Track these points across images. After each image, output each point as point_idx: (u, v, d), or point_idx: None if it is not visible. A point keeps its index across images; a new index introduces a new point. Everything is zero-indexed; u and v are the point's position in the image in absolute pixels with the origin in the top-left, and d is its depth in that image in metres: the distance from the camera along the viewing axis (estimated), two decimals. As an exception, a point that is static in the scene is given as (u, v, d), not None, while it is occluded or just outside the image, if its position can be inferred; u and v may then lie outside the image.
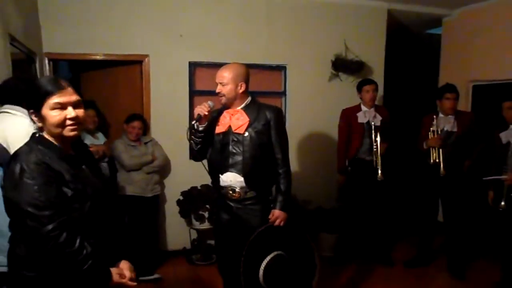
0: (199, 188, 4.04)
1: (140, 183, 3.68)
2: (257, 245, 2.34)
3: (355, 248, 4.14)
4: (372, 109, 3.84)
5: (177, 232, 4.20)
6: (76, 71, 4.58)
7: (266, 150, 2.43)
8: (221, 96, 2.43)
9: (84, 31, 3.84)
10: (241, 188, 2.42)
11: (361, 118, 3.83)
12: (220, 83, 2.41)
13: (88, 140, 3.39)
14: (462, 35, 4.87)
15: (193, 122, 2.40)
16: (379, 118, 3.81)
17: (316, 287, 2.54)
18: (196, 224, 3.99)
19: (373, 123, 3.78)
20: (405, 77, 5.89)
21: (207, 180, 3.90)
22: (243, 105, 2.46)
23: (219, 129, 2.47)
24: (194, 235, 4.18)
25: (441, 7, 4.85)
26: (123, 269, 1.67)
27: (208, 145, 2.51)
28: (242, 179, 2.40)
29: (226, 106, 2.49)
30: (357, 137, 3.85)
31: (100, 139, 3.65)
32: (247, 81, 2.46)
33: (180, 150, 4.17)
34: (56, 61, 4.07)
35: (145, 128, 3.93)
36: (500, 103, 3.39)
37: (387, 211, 4.10)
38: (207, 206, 3.93)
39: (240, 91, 2.41)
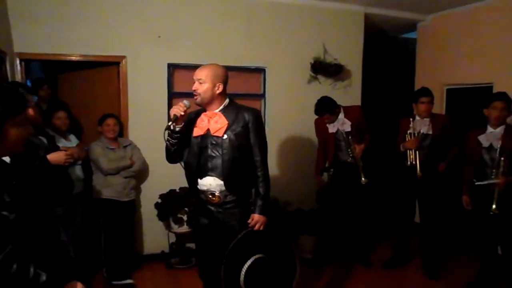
0: (177, 191, 3.99)
1: (117, 187, 3.61)
2: (237, 249, 2.32)
3: (334, 250, 4.17)
4: (341, 116, 3.88)
5: (155, 236, 4.13)
6: (51, 72, 4.46)
7: (245, 152, 2.41)
8: (196, 95, 2.38)
9: (59, 30, 3.74)
10: (221, 192, 2.39)
11: (331, 128, 3.91)
12: (198, 79, 2.36)
13: (60, 142, 3.30)
14: (436, 40, 5.00)
15: (169, 123, 2.35)
16: (348, 123, 3.85)
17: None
18: (175, 227, 3.94)
19: (342, 130, 3.84)
20: (383, 80, 6.00)
21: (186, 183, 3.90)
22: (221, 107, 2.42)
23: (197, 131, 2.43)
24: (173, 238, 4.13)
25: (415, 13, 4.97)
26: None
27: (184, 147, 2.47)
28: (221, 182, 2.37)
29: (201, 107, 2.44)
30: (332, 144, 3.94)
31: (73, 141, 3.56)
32: (225, 83, 2.42)
33: (158, 153, 4.05)
34: (28, 62, 3.95)
35: (121, 127, 3.87)
36: (475, 105, 3.41)
37: (367, 212, 4.15)
38: (186, 209, 3.89)
39: (217, 92, 2.37)
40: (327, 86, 4.58)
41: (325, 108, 3.79)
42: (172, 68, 4.17)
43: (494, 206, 3.15)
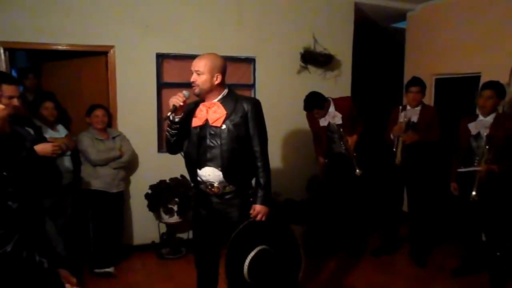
0: (167, 181, 3.98)
1: (106, 178, 3.60)
2: (240, 241, 2.30)
3: (323, 239, 4.22)
4: (332, 110, 3.88)
5: (146, 226, 4.13)
6: (36, 61, 4.37)
7: (244, 143, 2.39)
8: (194, 86, 2.35)
9: (44, 19, 3.66)
10: (220, 182, 2.38)
11: (322, 122, 3.92)
12: (196, 71, 2.33)
13: (48, 133, 3.26)
14: (425, 30, 5.01)
15: (168, 114, 2.32)
16: (339, 116, 3.85)
17: (302, 279, 2.53)
18: (165, 218, 3.94)
19: (334, 123, 3.85)
20: (372, 70, 6.02)
21: (176, 173, 3.93)
22: (219, 97, 2.39)
23: (196, 122, 2.40)
24: (163, 229, 4.13)
25: (404, 2, 4.97)
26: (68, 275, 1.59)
27: (184, 137, 2.45)
28: (220, 173, 2.36)
29: (200, 98, 2.42)
30: (324, 136, 3.95)
31: (61, 131, 3.52)
32: (223, 73, 2.39)
33: (148, 143, 4.10)
34: (13, 51, 3.87)
35: (110, 118, 3.83)
36: (465, 94, 3.44)
37: (360, 203, 4.19)
38: (176, 199, 3.89)
39: (216, 82, 2.35)
40: (317, 76, 4.58)
41: (313, 103, 3.78)
42: (161, 58, 4.13)
43: (473, 193, 3.21)
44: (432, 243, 4.26)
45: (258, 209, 2.39)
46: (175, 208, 3.90)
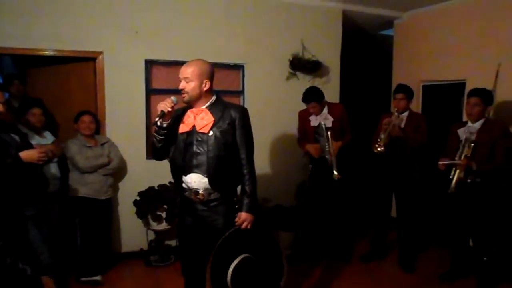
0: (156, 188, 3.96)
1: (94, 185, 3.57)
2: (224, 248, 2.30)
3: (312, 245, 4.22)
4: (325, 111, 3.91)
5: (134, 234, 4.09)
6: (22, 67, 4.33)
7: (231, 150, 2.39)
8: (183, 94, 2.35)
9: (31, 24, 3.63)
10: (205, 189, 2.37)
11: (313, 121, 3.93)
12: (185, 78, 2.33)
13: (35, 140, 3.22)
14: (412, 37, 5.09)
15: (156, 119, 2.32)
16: (330, 119, 3.88)
17: (284, 286, 2.53)
18: (154, 225, 3.91)
19: (323, 124, 3.87)
20: (361, 76, 6.08)
21: (165, 180, 3.90)
22: (207, 104, 2.39)
23: (183, 128, 2.40)
24: (152, 236, 4.10)
25: (391, 10, 5.04)
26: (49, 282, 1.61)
27: (171, 143, 2.44)
28: (206, 180, 2.35)
29: (189, 105, 2.42)
30: (311, 138, 3.96)
31: (48, 138, 3.49)
32: (211, 79, 2.39)
33: (136, 150, 4.08)
34: (-1, 56, 3.84)
35: (98, 125, 3.81)
36: (452, 100, 3.49)
37: (344, 208, 4.21)
38: (165, 206, 3.87)
39: (205, 89, 2.35)
40: (306, 83, 4.60)
41: (313, 96, 3.83)
42: (150, 64, 4.13)
43: (452, 185, 3.31)
44: (420, 249, 4.29)
45: (243, 217, 2.39)
46: (164, 215, 3.87)
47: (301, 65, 4.56)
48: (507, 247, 3.57)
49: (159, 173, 3.71)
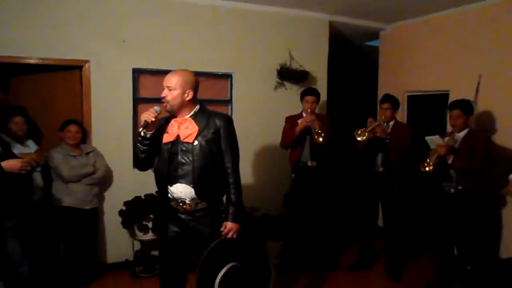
0: (143, 197, 3.92)
1: (79, 195, 3.52)
2: (211, 259, 2.28)
3: (300, 255, 4.21)
4: (314, 117, 3.93)
5: (119, 244, 4.03)
6: (4, 75, 4.25)
7: (216, 159, 2.38)
8: (164, 103, 2.34)
9: (14, 31, 3.58)
10: (192, 199, 2.35)
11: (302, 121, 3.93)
12: (168, 87, 2.32)
13: (17, 149, 3.17)
14: (397, 48, 5.18)
15: (140, 129, 2.30)
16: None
17: None
18: (140, 235, 3.86)
19: (311, 125, 3.88)
20: (348, 86, 6.15)
21: (151, 190, 3.86)
22: (192, 113, 2.38)
23: (167, 138, 2.38)
24: (137, 246, 4.04)
25: (377, 22, 5.14)
26: None
27: (154, 154, 2.42)
28: (192, 190, 2.33)
29: (171, 114, 2.41)
30: (297, 140, 3.95)
31: (31, 147, 3.42)
32: (195, 89, 2.39)
33: (122, 159, 4.03)
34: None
35: (84, 134, 3.76)
36: (436, 110, 3.55)
37: (330, 216, 4.23)
38: (151, 216, 3.82)
39: (187, 98, 2.34)
40: (293, 92, 4.64)
41: (315, 91, 4.00)
42: (137, 73, 4.10)
43: (431, 167, 3.37)
44: (406, 258, 4.31)
45: (229, 227, 2.38)
46: (150, 225, 3.83)
47: (288, 74, 4.60)
48: (490, 256, 3.62)
49: (146, 182, 3.66)
